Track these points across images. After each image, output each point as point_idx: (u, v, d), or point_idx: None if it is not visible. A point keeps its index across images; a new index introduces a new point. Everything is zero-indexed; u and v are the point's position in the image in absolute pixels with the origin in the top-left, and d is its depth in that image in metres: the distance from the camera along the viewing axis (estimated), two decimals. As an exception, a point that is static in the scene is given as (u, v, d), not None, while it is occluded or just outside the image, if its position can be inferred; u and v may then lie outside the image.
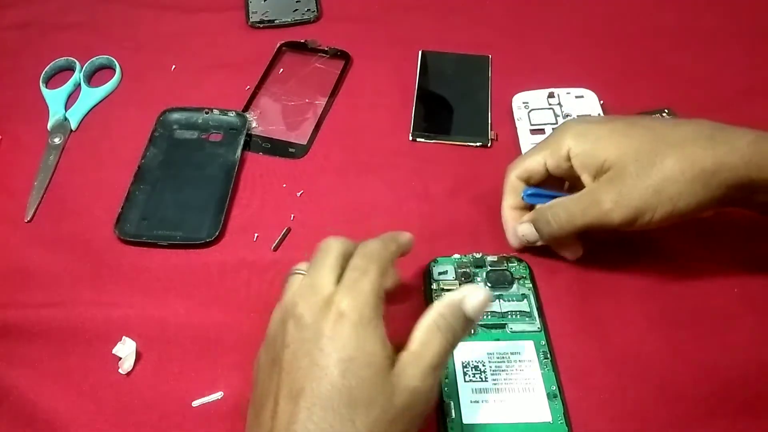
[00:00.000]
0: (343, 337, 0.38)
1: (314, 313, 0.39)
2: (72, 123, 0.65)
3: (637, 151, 0.47)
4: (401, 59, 0.70)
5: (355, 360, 0.37)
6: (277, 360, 0.39)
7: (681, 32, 0.73)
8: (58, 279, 0.53)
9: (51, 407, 0.46)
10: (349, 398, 0.37)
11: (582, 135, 0.50)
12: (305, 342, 0.38)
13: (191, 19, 0.76)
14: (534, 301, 0.51)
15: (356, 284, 0.40)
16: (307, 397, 0.36)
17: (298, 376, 0.37)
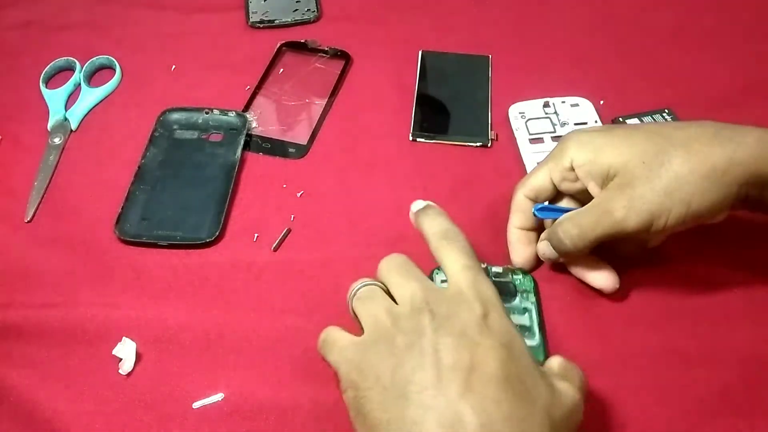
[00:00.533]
0: (497, 325, 0.38)
1: (450, 307, 0.39)
2: (72, 123, 0.65)
3: (643, 153, 0.46)
4: (401, 59, 0.70)
5: (513, 348, 0.38)
6: (415, 343, 0.38)
7: (681, 32, 0.73)
8: (58, 279, 0.53)
9: (51, 407, 0.46)
10: (518, 377, 0.37)
11: (584, 144, 0.49)
12: (456, 328, 0.38)
13: (191, 19, 0.76)
14: (536, 316, 0.50)
15: (477, 285, 0.40)
16: (479, 372, 0.36)
17: (461, 353, 0.37)
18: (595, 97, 0.66)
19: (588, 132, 0.50)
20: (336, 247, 0.55)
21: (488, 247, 0.54)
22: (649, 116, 0.64)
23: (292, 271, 0.54)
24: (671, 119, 0.64)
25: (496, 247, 0.54)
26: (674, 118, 0.64)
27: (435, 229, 0.44)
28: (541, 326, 0.49)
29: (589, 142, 0.49)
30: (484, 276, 0.41)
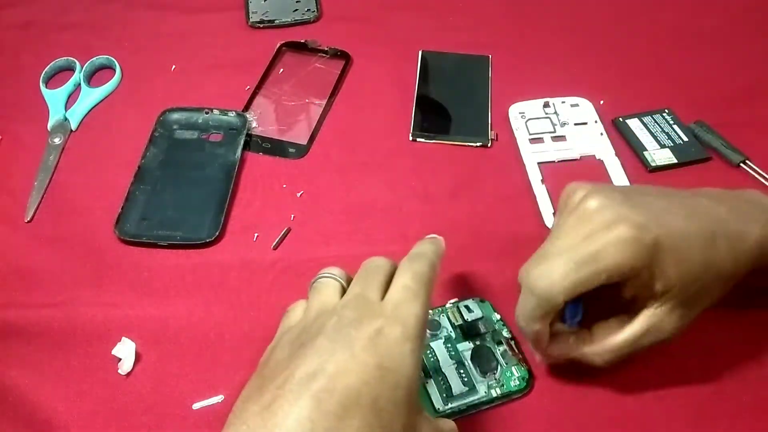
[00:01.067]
0: (386, 345, 0.36)
1: (360, 316, 0.37)
2: (72, 123, 0.65)
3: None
4: (401, 59, 0.70)
5: (393, 373, 0.35)
6: (306, 344, 0.36)
7: (681, 32, 0.73)
8: (58, 279, 0.53)
9: (50, 407, 0.46)
10: (375, 404, 0.34)
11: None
12: (347, 336, 0.36)
13: (191, 19, 0.76)
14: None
15: (406, 306, 0.38)
16: (332, 378, 0.34)
17: (327, 359, 0.35)
18: (595, 97, 0.66)
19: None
20: (336, 247, 0.55)
21: (488, 247, 0.55)
22: (649, 116, 0.64)
23: (292, 271, 0.54)
24: (671, 119, 0.64)
25: (495, 246, 0.54)
26: (674, 118, 0.64)
27: (413, 250, 0.44)
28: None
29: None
30: (417, 301, 0.39)
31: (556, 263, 0.42)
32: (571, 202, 0.45)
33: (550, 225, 0.56)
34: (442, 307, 0.50)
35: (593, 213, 0.42)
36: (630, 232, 0.40)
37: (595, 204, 0.42)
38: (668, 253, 0.41)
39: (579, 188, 0.45)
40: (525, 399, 0.46)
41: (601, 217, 0.42)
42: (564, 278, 0.41)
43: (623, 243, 0.40)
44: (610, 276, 0.41)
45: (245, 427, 0.33)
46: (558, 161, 0.61)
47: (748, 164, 0.60)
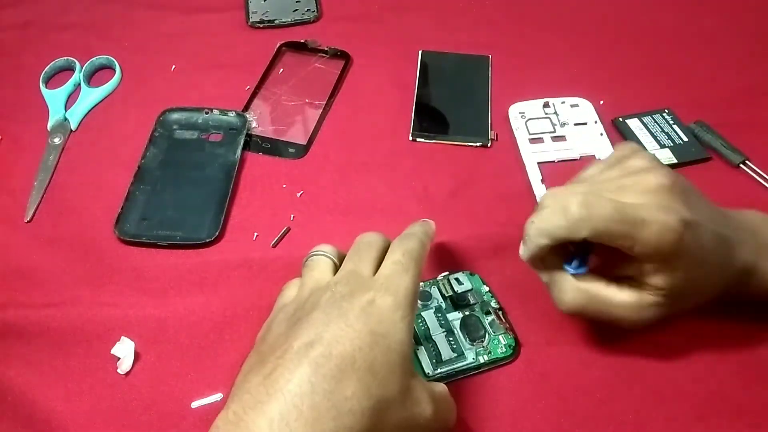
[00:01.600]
0: (378, 313, 0.38)
1: (354, 290, 0.39)
2: (72, 123, 0.65)
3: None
4: (401, 59, 0.70)
5: (386, 338, 0.38)
6: (302, 318, 0.39)
7: (681, 32, 0.73)
8: (57, 279, 0.53)
9: (49, 407, 0.46)
10: (371, 368, 0.36)
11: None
12: (341, 308, 0.38)
13: (191, 19, 0.76)
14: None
15: (397, 278, 0.41)
16: (328, 345, 0.36)
17: (323, 330, 0.37)
18: (595, 97, 0.66)
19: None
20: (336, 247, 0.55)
21: (488, 247, 0.55)
22: (649, 116, 0.64)
23: (291, 271, 0.53)
24: (671, 119, 0.64)
25: (495, 246, 0.54)
26: (674, 118, 0.64)
27: (405, 231, 0.46)
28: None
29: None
30: (407, 274, 0.41)
31: (603, 203, 0.41)
32: (629, 164, 0.45)
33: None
34: (434, 279, 0.52)
35: (654, 189, 0.42)
36: (678, 225, 0.41)
37: (655, 182, 0.43)
38: (687, 263, 0.42)
39: (640, 155, 0.45)
40: (511, 366, 0.48)
41: (659, 197, 0.42)
42: (602, 221, 0.41)
43: (667, 230, 0.41)
44: (634, 246, 0.41)
45: (248, 396, 0.35)
46: (558, 161, 0.61)
47: (748, 164, 0.60)
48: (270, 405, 0.34)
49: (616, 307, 0.44)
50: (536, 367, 0.48)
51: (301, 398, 0.34)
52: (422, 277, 0.49)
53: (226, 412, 0.35)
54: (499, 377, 0.47)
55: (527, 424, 0.45)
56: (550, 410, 0.46)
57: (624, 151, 0.47)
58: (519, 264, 0.53)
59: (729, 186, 0.59)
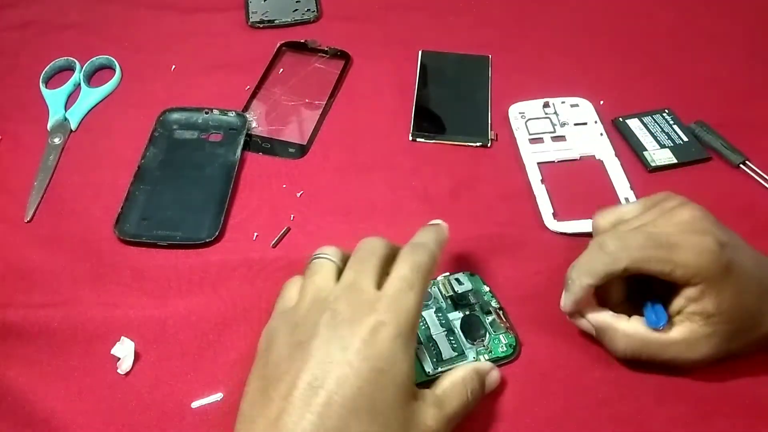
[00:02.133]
0: (380, 346, 0.38)
1: (354, 313, 0.39)
2: (72, 123, 0.65)
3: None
4: (401, 59, 0.70)
5: (386, 374, 0.38)
6: (304, 344, 0.39)
7: (681, 32, 0.73)
8: (57, 279, 0.53)
9: (49, 407, 0.46)
10: (371, 407, 0.37)
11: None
12: (341, 339, 0.38)
13: (191, 19, 0.76)
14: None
15: (402, 297, 0.40)
16: (331, 392, 0.36)
17: (326, 368, 0.37)
18: (595, 97, 0.66)
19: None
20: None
21: (488, 247, 0.55)
22: (649, 116, 0.64)
23: (292, 271, 0.53)
24: (671, 119, 0.64)
25: (495, 246, 0.54)
26: (674, 118, 0.64)
27: (415, 239, 0.45)
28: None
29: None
30: (413, 292, 0.40)
31: (635, 234, 0.44)
32: (664, 205, 0.46)
33: (549, 225, 0.56)
34: (434, 280, 0.52)
35: (687, 221, 0.44)
36: (714, 245, 0.42)
37: (688, 214, 0.45)
38: (732, 283, 0.43)
39: (674, 197, 0.47)
40: (512, 365, 0.48)
41: (692, 225, 0.44)
42: (638, 248, 0.43)
43: (704, 250, 0.42)
44: (675, 270, 0.42)
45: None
46: (558, 161, 0.61)
47: (748, 164, 0.60)
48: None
49: (669, 347, 0.44)
50: (536, 367, 0.48)
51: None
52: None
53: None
54: (503, 376, 0.47)
55: (527, 424, 0.45)
56: (551, 410, 0.46)
57: (658, 197, 0.48)
58: (519, 264, 0.53)
59: (729, 186, 0.59)
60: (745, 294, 0.43)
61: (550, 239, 0.55)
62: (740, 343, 0.45)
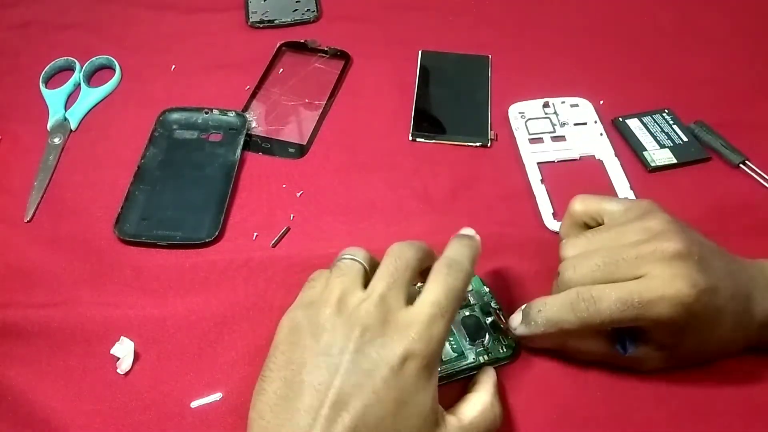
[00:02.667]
0: (406, 378, 0.38)
1: (384, 335, 0.39)
2: (72, 123, 0.65)
3: None
4: (401, 59, 0.70)
5: (410, 405, 0.38)
6: (334, 358, 0.38)
7: (681, 32, 0.73)
8: (57, 279, 0.53)
9: (49, 407, 0.46)
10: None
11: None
12: (369, 362, 0.38)
13: (191, 19, 0.76)
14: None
15: (433, 326, 0.39)
16: (355, 417, 0.36)
17: (352, 392, 0.37)
18: (594, 97, 0.66)
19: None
20: (336, 247, 0.54)
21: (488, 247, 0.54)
22: (649, 116, 0.64)
23: (291, 271, 0.53)
24: (671, 119, 0.64)
25: (495, 246, 0.54)
26: (674, 118, 0.64)
27: (450, 254, 0.44)
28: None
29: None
30: (444, 320, 0.40)
31: (609, 295, 0.42)
32: (647, 225, 0.44)
33: (549, 225, 0.56)
34: None
35: (668, 257, 0.42)
36: (691, 296, 0.41)
37: (670, 250, 0.42)
38: (704, 324, 0.43)
39: (658, 216, 0.45)
40: (512, 366, 0.48)
41: (669, 268, 0.42)
42: (608, 314, 0.42)
43: (678, 304, 0.41)
44: (646, 324, 0.43)
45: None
46: (558, 161, 0.61)
47: (747, 164, 0.60)
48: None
49: (623, 360, 0.46)
50: (534, 368, 0.48)
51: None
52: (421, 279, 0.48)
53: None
54: (499, 377, 0.47)
55: (526, 424, 0.45)
56: (549, 411, 0.46)
57: (642, 206, 0.46)
58: (518, 264, 0.53)
59: (729, 186, 0.59)
60: (713, 332, 0.44)
61: (550, 239, 0.55)
62: (699, 361, 0.47)
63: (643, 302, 0.41)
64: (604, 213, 0.47)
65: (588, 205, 0.48)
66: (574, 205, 0.49)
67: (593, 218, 0.48)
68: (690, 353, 0.45)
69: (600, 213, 0.48)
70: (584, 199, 0.48)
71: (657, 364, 0.46)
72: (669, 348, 0.44)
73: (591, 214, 0.48)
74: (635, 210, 0.46)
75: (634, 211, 0.46)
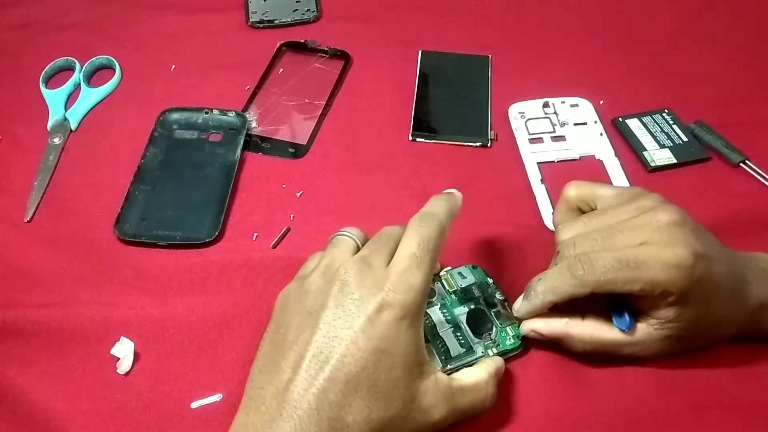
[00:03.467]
0: (384, 327, 0.39)
1: (363, 290, 0.40)
2: (72, 123, 0.65)
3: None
4: (401, 59, 0.70)
5: (390, 355, 0.39)
6: (314, 314, 0.40)
7: (681, 32, 0.73)
8: (57, 279, 0.53)
9: (49, 407, 0.46)
10: (373, 387, 0.38)
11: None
12: (348, 315, 0.39)
13: (191, 19, 0.76)
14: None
15: (408, 276, 0.40)
16: (335, 368, 0.38)
17: (332, 344, 0.38)
18: (594, 97, 0.66)
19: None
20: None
21: (488, 247, 0.55)
22: (649, 116, 0.64)
23: (291, 271, 0.53)
24: (671, 119, 0.64)
25: (495, 246, 0.54)
26: (674, 118, 0.64)
27: (425, 208, 0.45)
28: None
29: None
30: (420, 270, 0.40)
31: (603, 257, 0.43)
32: (641, 204, 0.45)
33: (549, 225, 0.56)
34: (437, 276, 0.52)
35: (662, 226, 0.43)
36: (686, 260, 0.41)
37: (665, 219, 0.43)
38: (699, 295, 0.42)
39: (651, 196, 0.46)
40: (513, 363, 0.48)
41: (667, 233, 0.42)
42: (605, 273, 0.42)
43: (675, 267, 0.41)
44: (643, 288, 0.42)
45: (264, 408, 0.38)
46: (557, 161, 0.61)
47: (747, 164, 0.60)
48: (283, 428, 0.37)
49: (624, 347, 0.45)
50: (535, 366, 0.48)
51: (309, 426, 0.37)
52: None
53: (246, 419, 0.39)
54: (509, 370, 0.47)
55: (527, 418, 0.45)
56: (550, 406, 0.46)
57: (634, 191, 0.47)
58: (518, 263, 0.53)
59: (729, 186, 0.59)
60: (710, 305, 0.43)
61: (550, 239, 0.55)
62: (696, 344, 0.46)
63: (638, 263, 0.41)
64: (597, 198, 0.48)
65: (581, 191, 0.49)
66: (568, 191, 0.49)
67: (587, 203, 0.49)
68: (688, 332, 0.44)
69: (593, 198, 0.48)
70: (578, 185, 0.49)
71: (656, 348, 0.45)
72: (667, 325, 0.44)
73: (584, 199, 0.49)
74: (627, 194, 0.47)
75: (626, 195, 0.47)
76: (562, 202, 0.50)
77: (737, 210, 0.56)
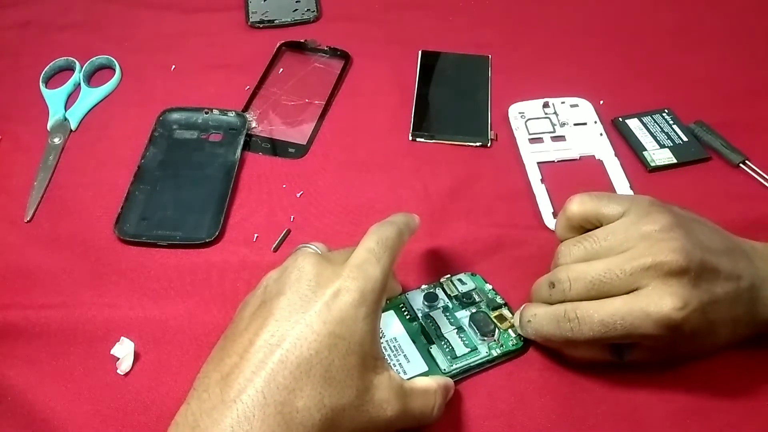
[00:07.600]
0: (340, 311, 0.38)
1: (320, 277, 0.39)
2: (72, 123, 0.65)
3: None
4: (401, 59, 0.70)
5: (345, 341, 0.38)
6: (268, 303, 0.39)
7: (681, 32, 0.73)
8: (57, 279, 0.53)
9: (49, 407, 0.46)
10: (327, 372, 0.37)
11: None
12: (303, 299, 0.38)
13: (191, 19, 0.76)
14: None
15: (366, 266, 0.40)
16: (287, 351, 0.36)
17: (285, 326, 0.37)
18: (594, 97, 0.66)
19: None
20: (335, 247, 0.55)
21: (488, 247, 0.55)
22: (649, 116, 0.64)
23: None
24: (671, 119, 0.64)
25: (495, 246, 0.54)
26: (674, 118, 0.64)
27: (385, 219, 0.45)
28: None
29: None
30: (378, 264, 0.40)
31: (590, 318, 0.43)
32: (645, 230, 0.43)
33: (549, 225, 0.56)
34: (436, 282, 0.52)
35: (665, 273, 0.41)
36: (678, 318, 0.41)
37: (668, 266, 0.41)
38: (692, 337, 0.42)
39: (659, 216, 0.44)
40: (512, 364, 0.48)
41: (661, 284, 0.41)
42: (591, 334, 0.43)
43: (664, 325, 0.41)
44: (634, 339, 0.43)
45: (206, 395, 0.36)
46: (557, 161, 0.61)
47: (747, 164, 0.60)
48: (224, 414, 0.35)
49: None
50: (535, 367, 0.48)
51: (253, 410, 0.35)
52: (424, 281, 0.49)
53: (186, 409, 0.36)
54: (501, 374, 0.47)
55: (526, 420, 0.45)
56: (549, 408, 0.46)
57: (642, 206, 0.45)
58: (519, 264, 0.53)
59: (729, 186, 0.59)
60: (702, 342, 0.44)
61: (550, 239, 0.55)
62: (701, 357, 0.47)
63: (626, 324, 0.42)
64: (601, 218, 0.46)
65: (586, 208, 0.47)
66: (572, 207, 0.47)
67: (591, 222, 0.47)
68: (686, 357, 0.46)
69: (597, 218, 0.46)
70: (582, 202, 0.47)
71: (656, 361, 0.46)
72: (665, 352, 0.44)
73: (588, 218, 0.47)
74: (634, 212, 0.45)
75: (633, 214, 0.45)
76: (564, 218, 0.48)
77: (737, 210, 0.56)
